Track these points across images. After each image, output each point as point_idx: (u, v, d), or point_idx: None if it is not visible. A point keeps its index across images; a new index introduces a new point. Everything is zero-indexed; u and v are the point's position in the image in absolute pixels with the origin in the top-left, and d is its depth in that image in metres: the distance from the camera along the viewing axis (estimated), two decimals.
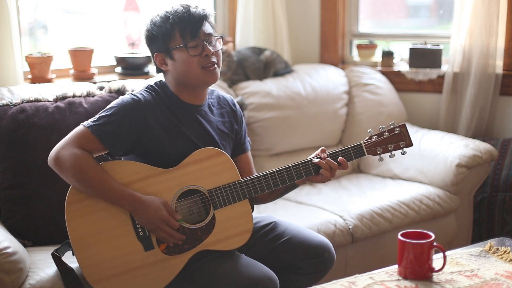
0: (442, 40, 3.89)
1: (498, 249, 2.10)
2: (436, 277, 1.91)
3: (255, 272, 2.14)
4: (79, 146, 2.13)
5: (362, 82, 3.78)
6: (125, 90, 2.86)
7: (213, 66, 2.23)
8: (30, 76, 3.16)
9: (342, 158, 2.23)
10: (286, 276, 2.31)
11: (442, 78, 3.76)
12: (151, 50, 2.29)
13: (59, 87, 2.82)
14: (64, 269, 2.18)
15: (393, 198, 3.17)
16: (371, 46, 4.01)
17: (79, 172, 2.11)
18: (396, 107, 3.75)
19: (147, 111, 2.20)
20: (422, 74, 3.81)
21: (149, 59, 3.45)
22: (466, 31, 3.61)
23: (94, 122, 2.16)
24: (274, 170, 2.23)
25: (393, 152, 2.27)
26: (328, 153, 2.24)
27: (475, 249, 2.13)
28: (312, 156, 2.26)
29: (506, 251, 2.08)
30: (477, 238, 3.49)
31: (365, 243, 3.01)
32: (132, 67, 3.43)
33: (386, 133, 2.26)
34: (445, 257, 1.91)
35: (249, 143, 2.49)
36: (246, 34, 3.79)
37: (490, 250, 2.11)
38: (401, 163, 3.44)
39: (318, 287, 1.88)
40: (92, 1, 3.67)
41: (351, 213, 3.00)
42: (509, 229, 3.41)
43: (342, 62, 4.07)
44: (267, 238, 2.35)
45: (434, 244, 1.88)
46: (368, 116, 3.70)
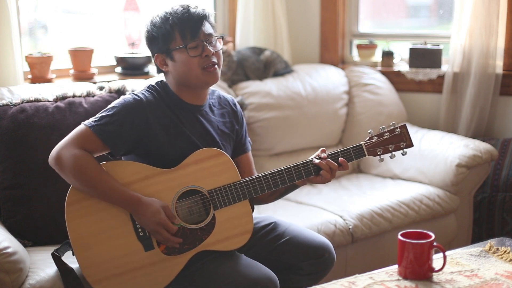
0: (442, 40, 3.89)
1: (498, 249, 2.10)
2: (436, 277, 1.91)
3: (255, 272, 2.14)
4: (80, 146, 2.13)
5: (362, 82, 3.78)
6: (125, 90, 2.86)
7: (213, 66, 2.23)
8: (30, 76, 3.15)
9: (343, 159, 2.23)
10: (286, 276, 2.31)
11: (442, 78, 3.76)
12: (152, 51, 2.29)
13: (59, 87, 2.82)
14: (64, 269, 2.18)
15: (393, 198, 3.16)
16: (371, 46, 4.00)
17: (80, 172, 2.11)
18: (396, 107, 3.75)
19: (149, 111, 2.20)
20: (422, 74, 3.81)
21: (149, 59, 3.46)
22: (466, 31, 3.61)
23: (95, 121, 2.16)
24: (274, 170, 2.23)
25: (393, 152, 2.26)
26: (328, 153, 2.24)
27: (475, 249, 2.13)
28: (312, 156, 2.25)
29: (506, 251, 2.08)
30: (477, 238, 3.49)
31: (365, 243, 3.01)
32: (132, 67, 3.43)
33: (387, 133, 2.26)
34: (445, 257, 1.91)
35: (249, 144, 2.49)
36: (246, 34, 3.79)
37: (490, 250, 2.11)
38: (401, 163, 3.44)
39: (318, 287, 1.88)
40: (92, 1, 3.67)
41: (351, 213, 3.00)
42: (509, 229, 3.41)
43: (342, 62, 4.07)
44: (267, 239, 2.35)
45: (434, 244, 1.88)
46: (368, 116, 3.70)
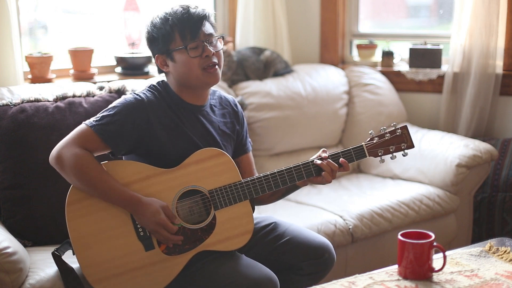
0: (442, 40, 3.89)
1: (498, 249, 2.10)
2: (436, 277, 1.91)
3: (256, 272, 2.14)
4: (81, 145, 2.13)
5: (362, 82, 3.78)
6: (125, 90, 2.86)
7: (214, 67, 2.22)
8: (30, 76, 3.15)
9: (343, 160, 2.23)
10: (286, 276, 2.31)
11: (442, 78, 3.76)
12: (152, 52, 2.29)
13: (59, 87, 2.82)
14: (64, 268, 2.17)
15: (393, 198, 3.16)
16: (371, 46, 4.00)
17: (80, 171, 2.10)
18: (396, 107, 3.75)
19: (150, 111, 2.20)
20: (422, 74, 3.81)
21: (149, 59, 3.46)
22: (466, 31, 3.61)
23: (96, 121, 2.16)
24: (275, 171, 2.23)
25: (394, 153, 2.26)
26: (329, 154, 2.24)
27: (475, 249, 2.13)
28: (313, 157, 2.25)
29: (506, 251, 2.08)
30: (477, 238, 3.49)
31: (365, 243, 3.01)
32: (132, 67, 3.43)
33: (388, 134, 2.26)
34: (445, 257, 1.91)
35: (250, 144, 2.48)
36: (246, 34, 3.79)
37: (490, 250, 2.11)
38: (401, 163, 3.44)
39: (318, 287, 1.88)
40: (92, 1, 3.67)
41: (351, 213, 3.00)
42: (509, 229, 3.41)
43: (342, 62, 4.07)
44: (268, 239, 2.35)
45: (434, 244, 1.88)
46: (368, 116, 3.70)
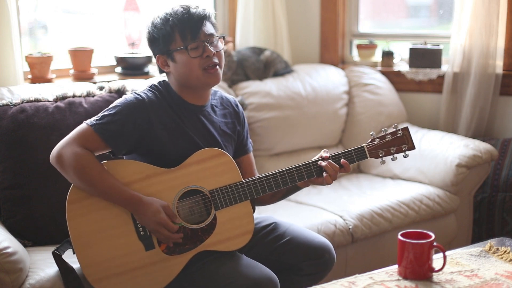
0: (442, 40, 3.89)
1: (498, 249, 2.10)
2: (436, 277, 1.91)
3: (256, 273, 2.14)
4: (82, 144, 2.13)
5: (362, 82, 3.78)
6: (125, 90, 2.86)
7: (214, 67, 2.22)
8: (30, 76, 3.15)
9: (344, 161, 2.22)
10: (286, 277, 2.31)
11: (442, 78, 3.76)
12: (153, 52, 2.29)
13: (59, 87, 2.82)
14: (64, 268, 2.18)
15: (393, 198, 3.16)
16: (371, 46, 4.00)
17: (81, 170, 2.10)
18: (396, 107, 3.75)
19: (151, 111, 2.20)
20: (422, 74, 3.81)
21: (149, 59, 3.46)
22: (466, 31, 3.61)
23: (97, 120, 2.16)
24: (276, 171, 2.23)
25: (395, 155, 2.26)
26: (330, 155, 2.23)
27: (475, 249, 2.13)
28: (315, 158, 2.25)
29: (506, 251, 2.08)
30: (477, 238, 3.49)
31: (365, 243, 3.01)
32: (132, 67, 3.43)
33: (389, 136, 2.25)
34: (445, 257, 1.91)
35: (251, 145, 2.48)
36: (246, 34, 3.79)
37: (490, 250, 2.11)
38: (401, 163, 3.43)
39: (318, 287, 1.88)
40: (92, 1, 3.67)
41: (351, 213, 3.00)
42: (509, 229, 3.41)
43: (342, 62, 4.07)
44: (268, 239, 2.35)
45: (434, 244, 1.88)
46: (368, 116, 3.70)
